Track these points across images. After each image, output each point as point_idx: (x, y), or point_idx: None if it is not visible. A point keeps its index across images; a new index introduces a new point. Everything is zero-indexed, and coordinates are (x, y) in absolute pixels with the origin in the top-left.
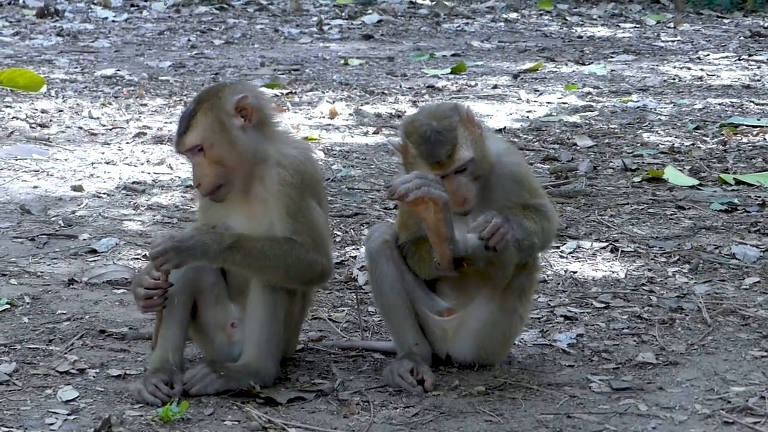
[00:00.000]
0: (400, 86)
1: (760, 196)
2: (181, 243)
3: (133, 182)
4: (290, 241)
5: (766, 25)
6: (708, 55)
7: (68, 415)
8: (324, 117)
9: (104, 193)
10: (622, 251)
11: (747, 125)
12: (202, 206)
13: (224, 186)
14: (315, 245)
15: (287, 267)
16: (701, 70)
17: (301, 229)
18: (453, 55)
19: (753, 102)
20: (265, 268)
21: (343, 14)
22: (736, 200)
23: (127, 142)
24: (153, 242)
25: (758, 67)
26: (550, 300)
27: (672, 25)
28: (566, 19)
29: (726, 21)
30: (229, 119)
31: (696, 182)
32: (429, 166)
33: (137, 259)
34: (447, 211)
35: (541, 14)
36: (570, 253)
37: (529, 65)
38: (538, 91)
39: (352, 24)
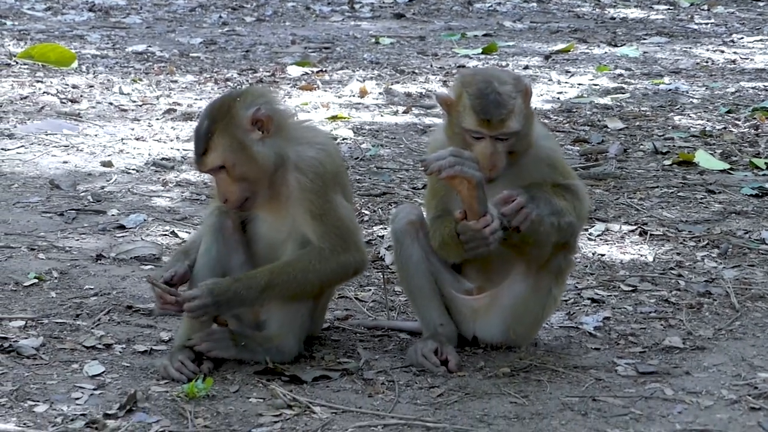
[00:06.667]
0: (431, 66)
1: None
2: (219, 297)
3: (162, 158)
4: (318, 252)
5: None
6: (742, 38)
7: (94, 389)
8: (354, 96)
9: (133, 169)
10: (650, 234)
11: None
12: None
13: (250, 198)
14: (344, 243)
15: (321, 281)
16: (734, 53)
17: (328, 229)
18: (484, 35)
19: None
20: (301, 292)
21: None
22: (767, 185)
23: (157, 119)
24: (189, 296)
25: None
26: (577, 282)
27: (706, 7)
28: (599, 0)
29: (761, 4)
30: (246, 135)
31: (727, 166)
32: (477, 122)
33: (165, 235)
34: (481, 189)
35: None
36: (598, 235)
37: (560, 46)
38: (569, 72)
39: (383, 3)
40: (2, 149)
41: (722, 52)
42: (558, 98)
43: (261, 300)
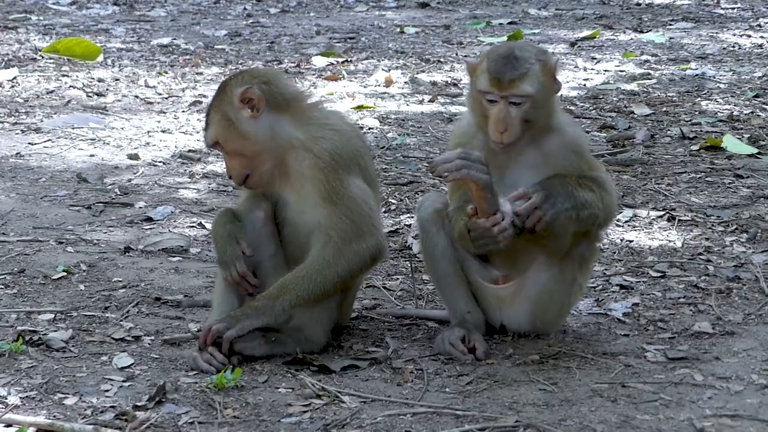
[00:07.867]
0: (456, 54)
1: None
2: (240, 332)
3: (189, 151)
4: (330, 245)
5: None
6: None
7: (123, 381)
8: (379, 85)
9: (160, 162)
10: (679, 220)
11: None
12: None
13: (251, 175)
14: (356, 228)
15: (340, 275)
16: (761, 37)
17: (339, 212)
18: (509, 23)
19: None
20: (324, 292)
21: None
22: None
23: (183, 111)
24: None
25: None
26: (605, 269)
27: None
28: None
29: None
30: (235, 113)
31: (755, 151)
32: (489, 81)
33: (192, 227)
34: (489, 190)
35: None
36: (626, 221)
37: (586, 33)
38: (595, 59)
39: None
40: (29, 143)
41: (749, 36)
42: (584, 85)
43: (281, 317)
